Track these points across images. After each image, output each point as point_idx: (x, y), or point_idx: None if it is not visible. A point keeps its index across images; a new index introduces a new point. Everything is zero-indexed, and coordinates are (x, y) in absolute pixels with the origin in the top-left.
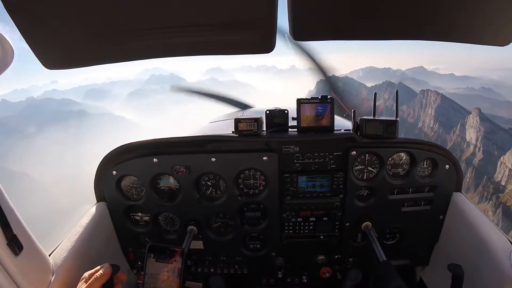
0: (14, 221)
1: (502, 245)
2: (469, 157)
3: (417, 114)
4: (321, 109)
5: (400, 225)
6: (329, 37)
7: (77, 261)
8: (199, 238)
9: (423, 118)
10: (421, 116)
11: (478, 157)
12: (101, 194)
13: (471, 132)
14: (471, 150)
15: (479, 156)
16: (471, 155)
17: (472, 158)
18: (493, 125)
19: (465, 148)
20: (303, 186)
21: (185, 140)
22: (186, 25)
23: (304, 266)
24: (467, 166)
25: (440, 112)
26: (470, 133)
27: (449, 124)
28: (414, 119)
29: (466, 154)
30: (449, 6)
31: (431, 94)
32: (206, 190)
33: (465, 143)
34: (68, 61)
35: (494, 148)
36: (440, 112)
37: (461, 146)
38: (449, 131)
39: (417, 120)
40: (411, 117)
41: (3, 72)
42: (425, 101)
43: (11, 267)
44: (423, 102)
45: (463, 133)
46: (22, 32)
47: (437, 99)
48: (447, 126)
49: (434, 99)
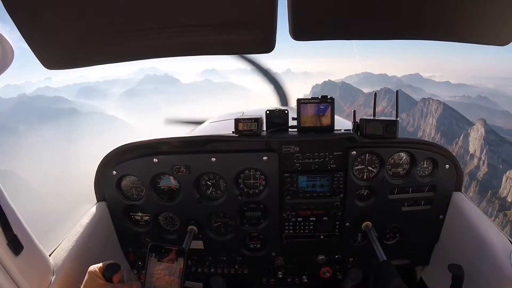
0: (14, 221)
1: (502, 245)
2: (473, 170)
3: (417, 123)
4: (321, 109)
5: (400, 225)
6: (329, 37)
7: (77, 261)
8: (199, 238)
9: (423, 127)
10: (421, 125)
11: (483, 171)
12: (101, 194)
13: (475, 144)
14: (475, 163)
15: (484, 170)
16: (475, 168)
17: (476, 172)
18: (498, 138)
19: (468, 161)
20: (303, 186)
21: (185, 140)
22: (186, 25)
23: (304, 266)
24: (471, 179)
25: (442, 122)
26: (474, 145)
27: (451, 134)
28: (413, 128)
29: (469, 167)
30: (449, 6)
31: (433, 103)
32: (206, 190)
33: (468, 155)
34: (68, 61)
35: (499, 162)
36: (441, 122)
37: (464, 158)
38: (451, 142)
39: (417, 129)
40: (411, 125)
41: (3, 72)
42: (426, 109)
43: (11, 267)
44: (423, 111)
45: (466, 144)
46: (22, 32)
47: (439, 108)
48: (449, 137)
49: (436, 108)
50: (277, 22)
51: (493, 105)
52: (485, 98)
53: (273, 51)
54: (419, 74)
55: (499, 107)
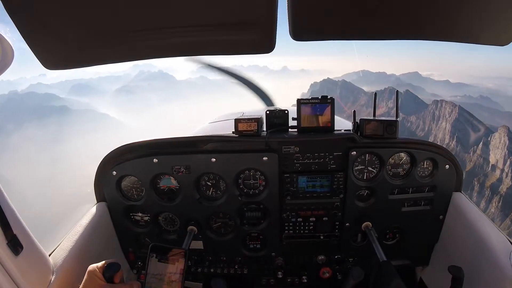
0: (14, 221)
1: (502, 245)
2: (495, 183)
3: (428, 127)
4: (321, 110)
5: (400, 225)
6: (329, 37)
7: (77, 261)
8: (199, 238)
9: (435, 132)
10: (433, 129)
11: (506, 184)
12: (101, 194)
13: (497, 153)
14: (497, 175)
15: (507, 183)
16: (497, 181)
17: (498, 185)
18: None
19: (489, 172)
20: (303, 186)
21: (185, 140)
22: (186, 25)
23: (304, 266)
24: (492, 194)
25: (457, 127)
26: (495, 155)
27: (466, 141)
28: (424, 132)
29: (491, 180)
30: (450, 6)
31: (446, 105)
32: (206, 190)
33: (489, 166)
34: (68, 61)
35: None
36: (457, 126)
37: (484, 169)
38: (468, 149)
39: (428, 133)
40: (420, 129)
41: (3, 72)
42: (439, 112)
43: (11, 267)
44: (436, 114)
45: (485, 153)
46: (22, 32)
47: (454, 112)
48: (464, 144)
49: (450, 111)
50: (277, 22)
51: (495, 106)
52: (487, 98)
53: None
54: (418, 72)
55: (501, 107)
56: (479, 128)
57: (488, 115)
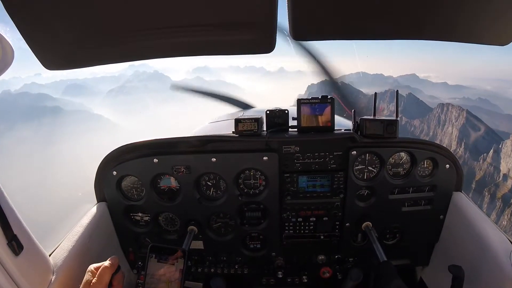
0: (14, 221)
1: (502, 245)
2: (507, 194)
3: (433, 132)
4: (321, 109)
5: (401, 225)
6: (329, 37)
7: (77, 261)
8: (199, 238)
9: (440, 137)
10: (438, 135)
11: None
12: (101, 194)
13: (509, 162)
14: (508, 185)
15: None
16: (508, 191)
17: (510, 196)
18: None
19: (500, 182)
20: (303, 186)
21: (185, 140)
22: (186, 25)
23: (304, 266)
24: (504, 205)
25: (465, 133)
26: (507, 163)
27: (475, 148)
28: (428, 137)
29: (502, 190)
30: (450, 6)
31: (453, 109)
32: (206, 190)
33: (500, 175)
34: (68, 61)
35: None
36: (464, 132)
37: (495, 178)
38: (477, 157)
39: (433, 139)
40: (425, 134)
41: (3, 72)
42: (444, 117)
43: (11, 267)
44: (441, 118)
45: (496, 161)
46: (22, 32)
47: (461, 116)
48: (473, 151)
49: (457, 116)
50: (277, 22)
51: (495, 108)
52: (486, 101)
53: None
54: (416, 74)
55: (500, 110)
56: (489, 134)
57: (487, 117)
